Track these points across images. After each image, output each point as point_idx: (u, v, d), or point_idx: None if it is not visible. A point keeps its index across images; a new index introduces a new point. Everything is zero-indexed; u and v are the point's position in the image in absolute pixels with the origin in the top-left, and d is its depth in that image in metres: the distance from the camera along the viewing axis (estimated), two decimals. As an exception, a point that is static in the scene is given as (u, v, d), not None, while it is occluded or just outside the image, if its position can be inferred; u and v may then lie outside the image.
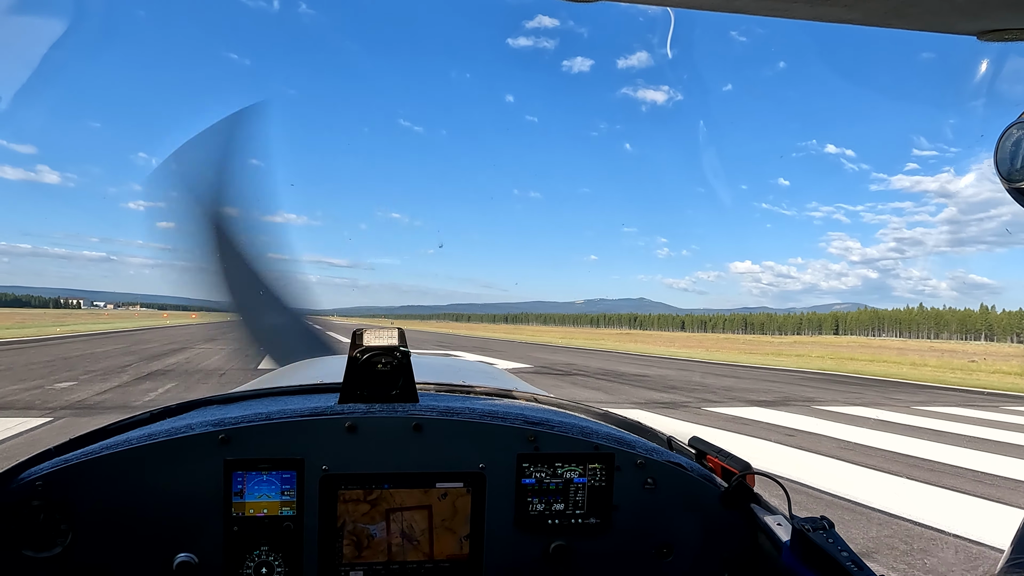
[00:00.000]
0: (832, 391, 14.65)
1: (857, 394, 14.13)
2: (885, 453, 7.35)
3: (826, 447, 7.58)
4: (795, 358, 31.54)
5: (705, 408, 10.82)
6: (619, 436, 1.38)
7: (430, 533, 1.22)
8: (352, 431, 1.21)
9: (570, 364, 21.30)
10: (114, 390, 10.56)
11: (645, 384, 14.82)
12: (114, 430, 1.34)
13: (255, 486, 1.17)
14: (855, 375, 20.30)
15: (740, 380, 16.81)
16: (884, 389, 15.63)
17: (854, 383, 17.21)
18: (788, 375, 19.30)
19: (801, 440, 8.00)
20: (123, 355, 18.04)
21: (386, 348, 1.29)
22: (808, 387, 15.36)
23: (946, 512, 5.00)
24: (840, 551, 1.06)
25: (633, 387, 14.05)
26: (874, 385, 16.77)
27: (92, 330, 36.45)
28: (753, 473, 1.29)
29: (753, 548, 1.29)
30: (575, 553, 1.27)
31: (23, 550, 1.09)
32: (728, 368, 21.77)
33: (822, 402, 12.29)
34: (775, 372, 20.52)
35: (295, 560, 1.18)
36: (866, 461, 6.87)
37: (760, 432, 8.54)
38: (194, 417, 1.34)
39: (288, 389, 1.60)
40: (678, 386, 14.57)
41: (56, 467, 1.12)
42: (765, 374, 19.53)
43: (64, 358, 16.45)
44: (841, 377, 19.28)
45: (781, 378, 17.97)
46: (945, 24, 0.72)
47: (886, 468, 6.57)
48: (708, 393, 13.24)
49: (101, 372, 13.21)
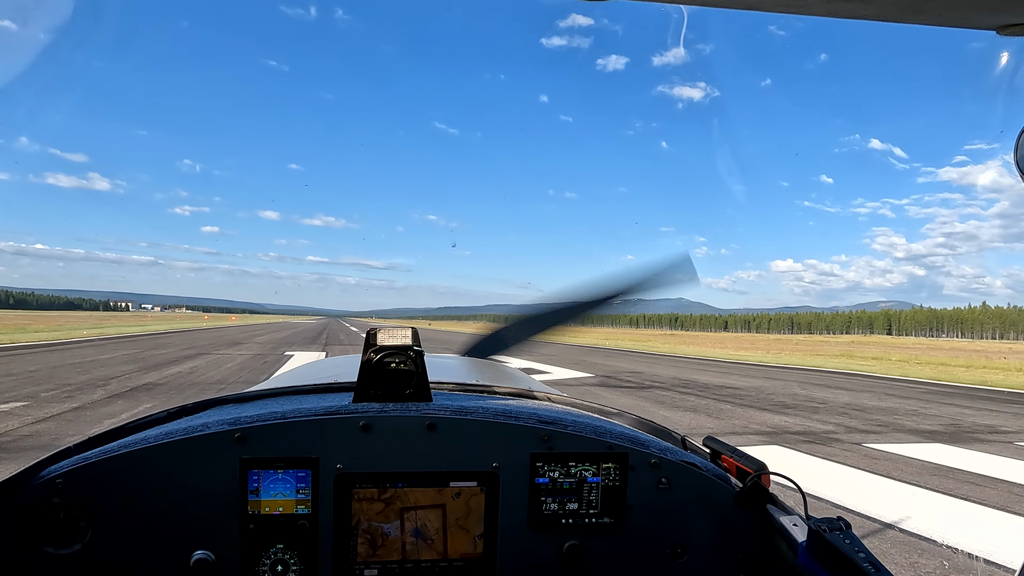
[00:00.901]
0: (1000, 414, 11.08)
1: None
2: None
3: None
4: (876, 362, 27.50)
5: (868, 445, 7.57)
6: (633, 435, 1.36)
7: (444, 532, 1.21)
8: (366, 430, 1.20)
9: (636, 372, 18.17)
10: (64, 416, 8.08)
11: (744, 400, 11.59)
12: (131, 428, 1.35)
13: (270, 484, 1.16)
14: (986, 387, 16.30)
15: (857, 394, 13.37)
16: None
17: (1002, 400, 13.43)
18: (906, 387, 15.61)
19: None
20: (124, 363, 15.92)
21: (400, 347, 1.29)
22: (959, 406, 11.78)
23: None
24: (857, 552, 1.02)
25: (734, 405, 10.86)
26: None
27: (123, 333, 34.67)
28: (768, 473, 1.26)
29: (769, 549, 1.26)
30: (589, 553, 1.25)
31: (44, 547, 1.10)
32: (823, 376, 18.21)
33: (1017, 435, 8.84)
34: (883, 382, 16.83)
35: (310, 558, 1.17)
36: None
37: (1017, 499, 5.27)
38: (210, 416, 1.34)
39: (303, 388, 1.60)
40: (789, 404, 11.31)
41: (75, 465, 1.13)
42: (874, 384, 15.96)
43: (54, 367, 14.35)
44: (971, 391, 15.39)
45: (904, 391, 14.37)
46: (963, 19, 0.70)
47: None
48: (838, 416, 9.94)
49: (76, 386, 10.90)
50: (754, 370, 20.20)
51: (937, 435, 8.42)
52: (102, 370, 13.81)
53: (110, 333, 33.64)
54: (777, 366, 22.80)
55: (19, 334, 29.56)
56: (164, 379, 12.55)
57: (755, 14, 0.69)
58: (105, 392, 10.33)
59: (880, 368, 22.66)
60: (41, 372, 13.08)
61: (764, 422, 9.10)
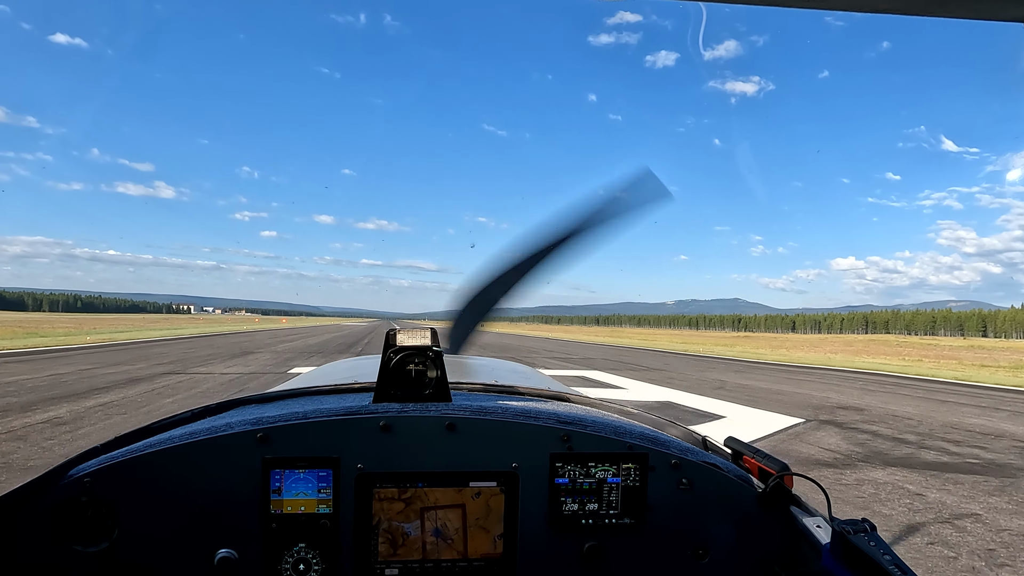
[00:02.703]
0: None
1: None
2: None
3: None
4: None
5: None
6: (653, 436, 1.35)
7: (464, 532, 1.21)
8: (386, 430, 1.21)
9: (854, 408, 11.34)
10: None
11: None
12: (157, 428, 1.38)
13: (292, 484, 1.17)
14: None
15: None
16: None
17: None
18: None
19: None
20: (29, 391, 12.57)
21: (419, 348, 1.29)
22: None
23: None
24: (883, 554, 1.01)
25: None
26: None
27: (134, 339, 31.03)
28: (791, 474, 1.25)
29: (792, 551, 1.25)
30: (609, 553, 1.25)
31: (73, 545, 1.12)
32: (1000, 396, 13.61)
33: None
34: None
35: (332, 557, 1.18)
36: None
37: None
38: (233, 416, 1.37)
39: (323, 389, 1.65)
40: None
41: (103, 464, 1.15)
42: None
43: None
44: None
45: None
46: (991, 11, 0.68)
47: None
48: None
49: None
50: (906, 386, 15.39)
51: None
52: (61, 388, 10.79)
53: (120, 339, 29.78)
54: (923, 378, 17.69)
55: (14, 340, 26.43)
56: (117, 403, 9.22)
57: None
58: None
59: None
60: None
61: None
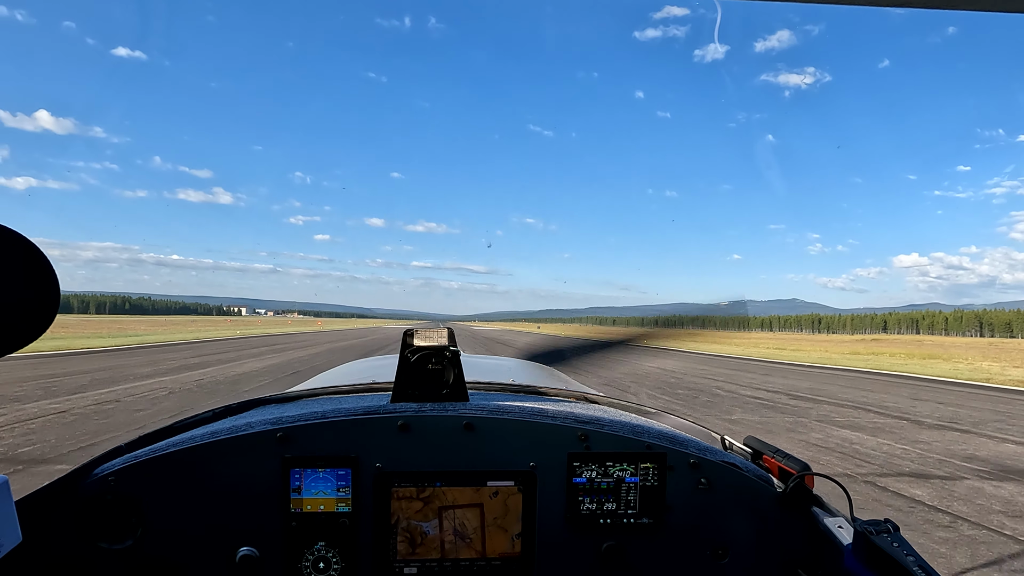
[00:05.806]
0: None
1: None
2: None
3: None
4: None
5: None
6: (672, 435, 1.36)
7: (482, 531, 1.23)
8: (404, 430, 1.23)
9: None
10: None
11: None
12: (179, 428, 1.43)
13: (312, 483, 1.20)
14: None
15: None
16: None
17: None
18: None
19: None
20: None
21: (436, 348, 1.33)
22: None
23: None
24: (906, 555, 0.99)
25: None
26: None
27: (148, 342, 29.87)
28: (812, 474, 1.25)
29: (813, 551, 1.25)
30: (627, 553, 1.26)
31: (99, 542, 1.15)
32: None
33: None
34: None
35: (351, 555, 1.21)
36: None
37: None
38: (253, 416, 1.40)
39: (342, 388, 1.71)
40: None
41: (127, 463, 1.18)
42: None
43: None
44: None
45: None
46: (1018, 2, 0.66)
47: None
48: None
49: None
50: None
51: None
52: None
53: (131, 343, 28.19)
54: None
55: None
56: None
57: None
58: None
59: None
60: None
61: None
